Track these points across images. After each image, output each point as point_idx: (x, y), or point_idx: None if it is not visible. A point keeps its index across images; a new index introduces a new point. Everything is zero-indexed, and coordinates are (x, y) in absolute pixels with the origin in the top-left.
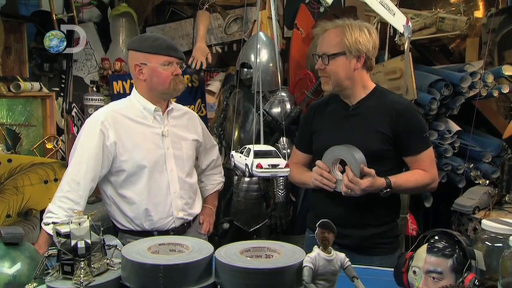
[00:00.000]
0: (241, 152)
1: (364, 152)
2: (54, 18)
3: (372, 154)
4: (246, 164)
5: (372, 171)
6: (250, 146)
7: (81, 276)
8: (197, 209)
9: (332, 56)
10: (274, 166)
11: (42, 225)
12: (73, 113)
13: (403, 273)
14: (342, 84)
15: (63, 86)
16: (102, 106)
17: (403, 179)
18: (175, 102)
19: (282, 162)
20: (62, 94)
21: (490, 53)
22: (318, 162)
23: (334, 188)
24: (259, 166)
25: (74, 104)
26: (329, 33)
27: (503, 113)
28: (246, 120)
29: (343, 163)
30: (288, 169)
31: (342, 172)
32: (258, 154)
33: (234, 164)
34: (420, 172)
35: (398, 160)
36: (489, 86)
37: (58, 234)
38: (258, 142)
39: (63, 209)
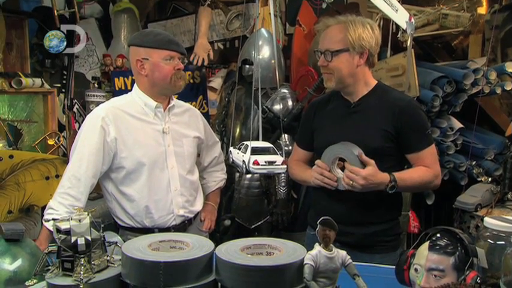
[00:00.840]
0: (239, 149)
1: (365, 149)
2: (56, 14)
3: (373, 151)
4: (243, 161)
5: (372, 161)
6: (248, 143)
7: (81, 273)
8: (198, 206)
9: (335, 52)
10: (271, 163)
11: (43, 221)
12: (74, 109)
13: (405, 271)
14: (345, 81)
15: (64, 82)
16: (104, 102)
17: (408, 175)
18: (177, 98)
19: (278, 159)
20: (63, 90)
21: (493, 49)
22: (317, 162)
23: (335, 187)
24: (255, 163)
25: (75, 100)
26: (332, 30)
27: (506, 110)
28: (247, 117)
29: (342, 161)
30: (284, 166)
31: (342, 169)
32: (256, 151)
33: (232, 160)
34: (423, 169)
35: (400, 157)
36: (492, 83)
37: (58, 230)
38: (258, 139)
39: (64, 205)
